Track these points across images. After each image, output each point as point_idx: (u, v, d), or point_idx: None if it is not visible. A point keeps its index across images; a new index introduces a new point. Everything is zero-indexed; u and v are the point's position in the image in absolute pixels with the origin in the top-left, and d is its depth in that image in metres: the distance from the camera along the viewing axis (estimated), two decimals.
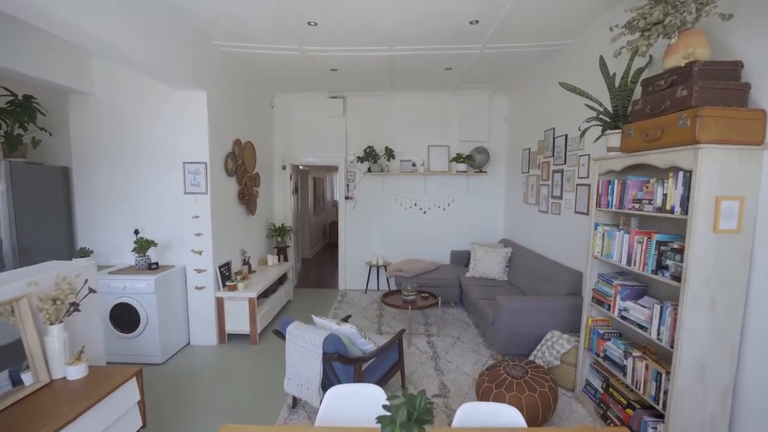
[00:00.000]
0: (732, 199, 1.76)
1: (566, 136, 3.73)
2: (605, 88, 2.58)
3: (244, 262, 4.48)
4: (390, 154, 5.53)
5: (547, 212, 4.18)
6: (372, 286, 5.89)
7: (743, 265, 1.81)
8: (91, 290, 1.94)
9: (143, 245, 3.57)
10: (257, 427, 1.48)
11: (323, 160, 5.80)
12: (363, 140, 5.65)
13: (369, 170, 5.58)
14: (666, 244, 2.04)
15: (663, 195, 2.01)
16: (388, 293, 4.30)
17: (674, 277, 1.94)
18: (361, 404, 1.60)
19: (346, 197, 5.81)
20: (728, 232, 1.78)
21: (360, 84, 5.04)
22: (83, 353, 1.86)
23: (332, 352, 2.30)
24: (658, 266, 2.06)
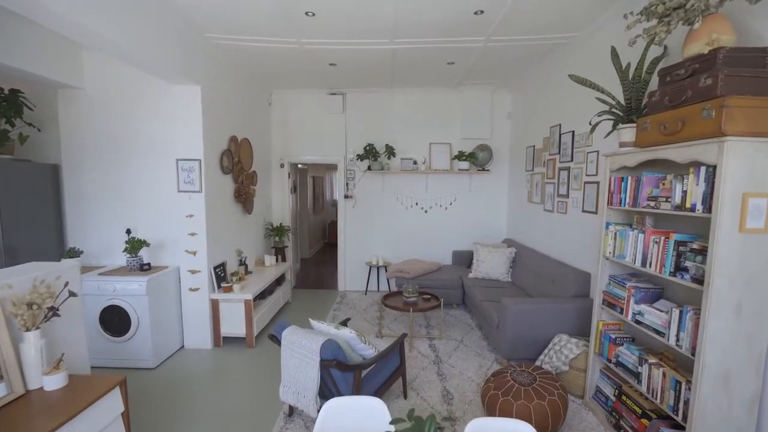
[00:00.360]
0: (760, 197, 1.63)
1: (573, 133, 3.61)
2: (615, 82, 2.47)
3: (241, 263, 4.36)
4: (390, 152, 5.40)
5: (553, 211, 4.05)
6: (372, 287, 5.76)
7: None
8: (72, 293, 1.81)
9: (135, 245, 3.44)
10: None
11: (322, 158, 5.66)
12: (363, 138, 5.51)
13: (369, 168, 5.45)
14: (685, 245, 1.92)
15: (682, 192, 1.89)
16: (389, 295, 4.18)
17: (695, 280, 1.81)
18: (361, 418, 1.48)
19: (346, 196, 5.67)
20: (755, 232, 1.65)
21: (360, 80, 4.91)
22: (62, 361, 1.73)
23: (330, 359, 2.17)
24: (677, 268, 1.93)
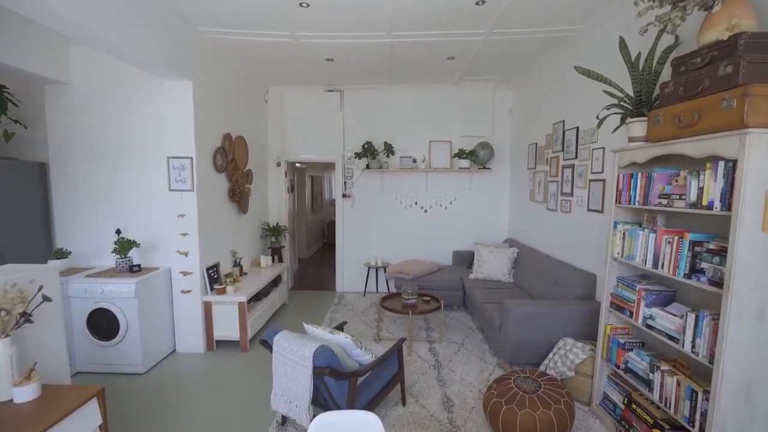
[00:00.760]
0: None
1: (577, 129, 3.48)
2: (623, 76, 2.35)
3: (235, 264, 4.24)
4: (389, 150, 5.27)
5: (556, 210, 3.93)
6: (371, 288, 5.64)
7: None
8: (46, 298, 1.69)
9: (124, 246, 3.32)
10: None
11: (320, 157, 5.54)
12: (361, 135, 5.38)
13: (367, 167, 5.32)
14: (701, 245, 1.80)
15: (698, 189, 1.77)
16: (388, 296, 4.06)
17: (713, 282, 1.69)
18: None
19: (344, 195, 5.55)
20: None
21: (357, 76, 4.79)
22: (34, 371, 1.61)
23: (323, 366, 2.04)
24: (692, 270, 1.81)
